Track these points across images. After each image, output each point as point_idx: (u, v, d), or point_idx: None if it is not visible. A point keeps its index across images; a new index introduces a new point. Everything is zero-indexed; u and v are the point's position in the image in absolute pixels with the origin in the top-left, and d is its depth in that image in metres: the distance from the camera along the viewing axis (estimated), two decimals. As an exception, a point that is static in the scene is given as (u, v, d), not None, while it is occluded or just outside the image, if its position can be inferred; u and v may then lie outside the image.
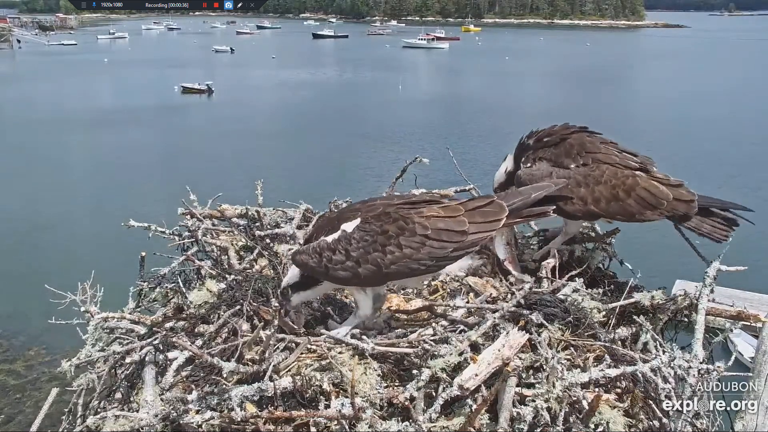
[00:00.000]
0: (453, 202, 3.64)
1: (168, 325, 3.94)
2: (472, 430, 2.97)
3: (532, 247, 4.97)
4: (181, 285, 4.47)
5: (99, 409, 3.81)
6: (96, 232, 21.92)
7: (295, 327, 3.73)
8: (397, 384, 3.30)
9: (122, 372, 3.84)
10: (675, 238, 4.34)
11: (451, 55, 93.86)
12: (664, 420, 3.24)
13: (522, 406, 3.05)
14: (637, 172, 4.25)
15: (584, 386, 3.17)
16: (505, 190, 4.74)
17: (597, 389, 3.21)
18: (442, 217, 3.51)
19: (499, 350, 3.27)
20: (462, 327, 3.70)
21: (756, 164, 31.65)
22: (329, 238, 3.56)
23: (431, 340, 3.45)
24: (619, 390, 3.30)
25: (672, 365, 3.27)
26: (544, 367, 3.16)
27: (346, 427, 2.99)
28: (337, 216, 3.72)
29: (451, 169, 6.43)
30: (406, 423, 2.96)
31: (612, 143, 4.41)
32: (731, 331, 3.71)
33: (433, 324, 3.72)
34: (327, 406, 3.11)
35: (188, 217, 5.16)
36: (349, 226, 3.53)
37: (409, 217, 3.49)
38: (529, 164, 4.47)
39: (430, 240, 3.46)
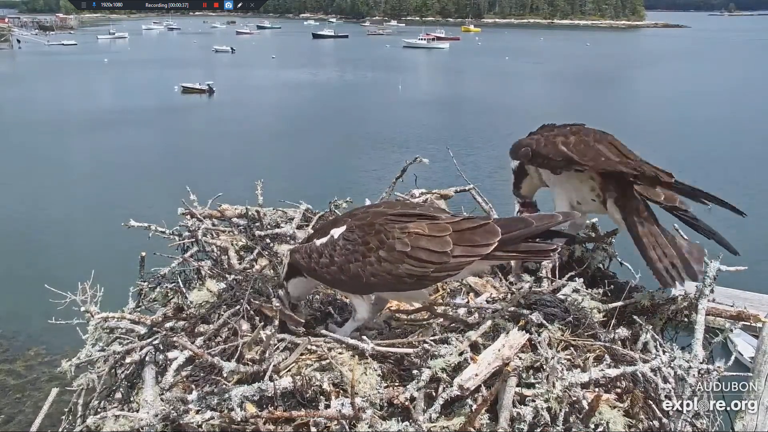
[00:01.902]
0: (445, 219, 3.47)
1: (168, 325, 3.94)
2: (472, 430, 2.97)
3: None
4: (181, 285, 4.47)
5: (99, 409, 3.81)
6: (96, 232, 21.92)
7: (300, 320, 3.71)
8: (397, 384, 3.29)
9: (122, 372, 3.84)
10: (675, 238, 4.33)
11: (451, 55, 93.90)
12: (664, 420, 3.23)
13: (522, 406, 3.04)
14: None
15: (584, 386, 3.16)
16: (518, 189, 4.75)
17: (597, 389, 3.21)
18: (426, 235, 3.36)
19: (499, 350, 3.27)
20: (462, 327, 3.70)
21: (757, 165, 31.66)
22: (319, 242, 3.59)
23: (431, 340, 3.45)
24: (619, 390, 3.30)
25: (672, 365, 3.26)
26: (544, 367, 3.16)
27: (346, 427, 2.99)
28: (333, 219, 3.75)
29: (451, 170, 6.43)
30: (406, 423, 2.96)
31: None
32: (731, 331, 3.71)
33: (433, 324, 3.72)
34: (327, 406, 3.10)
35: (188, 217, 5.16)
36: (336, 232, 3.53)
37: (391, 231, 3.39)
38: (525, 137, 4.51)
39: (409, 258, 3.34)
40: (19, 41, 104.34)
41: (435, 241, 3.35)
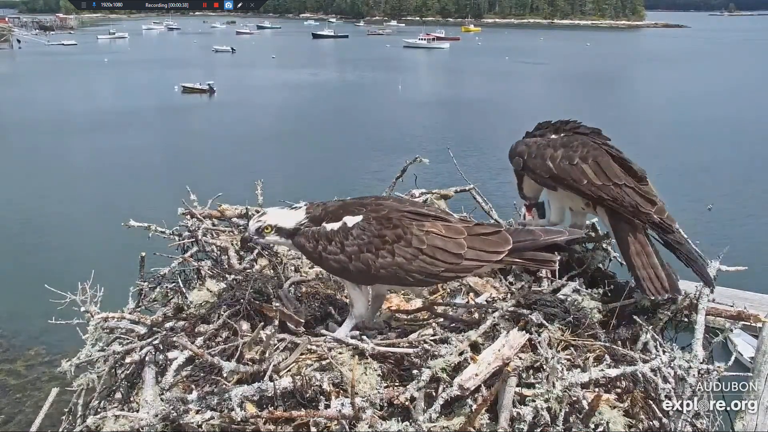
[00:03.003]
0: (460, 223, 3.56)
1: (168, 325, 3.94)
2: (472, 430, 2.97)
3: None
4: (181, 285, 4.48)
5: (99, 409, 3.81)
6: (96, 232, 21.92)
7: (300, 320, 3.70)
8: (397, 384, 3.29)
9: (122, 372, 3.84)
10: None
11: (451, 55, 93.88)
12: (664, 420, 3.23)
13: (522, 406, 3.04)
14: (611, 157, 4.11)
15: (584, 386, 3.16)
16: (521, 190, 4.74)
17: (597, 389, 3.21)
18: (442, 235, 3.44)
19: (499, 350, 3.28)
20: (462, 327, 3.70)
21: (757, 164, 31.65)
22: (329, 227, 3.56)
23: (431, 340, 3.45)
24: (619, 390, 3.30)
25: (672, 365, 3.26)
26: (544, 367, 3.16)
27: (346, 427, 2.99)
28: (343, 205, 3.69)
29: (451, 169, 6.43)
30: (406, 423, 2.96)
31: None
32: (731, 331, 3.71)
33: (433, 324, 3.72)
34: (327, 406, 3.11)
35: (188, 217, 5.16)
36: (350, 221, 3.53)
37: (408, 227, 3.45)
38: (521, 139, 4.50)
39: (423, 255, 3.41)
40: (19, 41, 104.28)
41: (450, 243, 3.43)
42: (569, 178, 4.09)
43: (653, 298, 3.83)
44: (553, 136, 4.33)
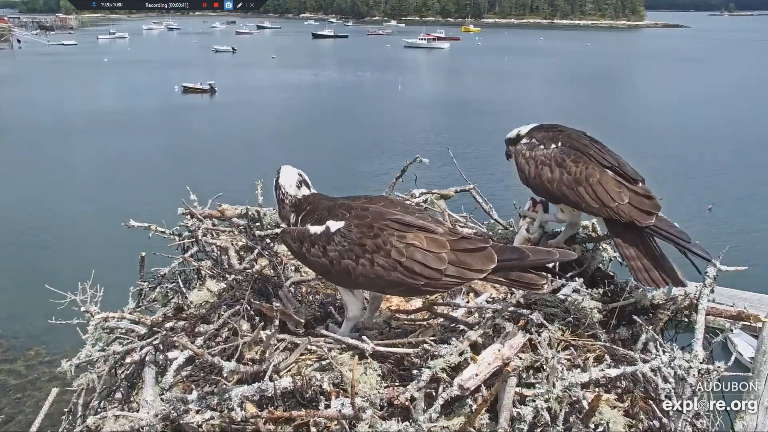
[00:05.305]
0: (445, 236, 3.43)
1: (168, 325, 3.94)
2: (472, 430, 2.97)
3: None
4: (181, 285, 4.48)
5: (99, 409, 3.82)
6: (96, 232, 21.93)
7: (300, 320, 3.70)
8: (397, 384, 3.30)
9: (122, 372, 3.85)
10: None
11: (452, 55, 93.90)
12: (664, 420, 3.23)
13: (522, 406, 3.04)
14: (606, 170, 4.14)
15: (584, 386, 3.16)
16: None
17: (597, 389, 3.21)
18: (422, 249, 3.35)
19: (499, 350, 3.28)
20: (462, 327, 3.70)
21: (758, 164, 31.65)
22: (312, 230, 3.55)
23: (431, 340, 3.45)
24: (619, 390, 3.30)
25: (672, 365, 3.26)
26: (544, 367, 3.17)
27: (346, 427, 2.99)
28: (329, 207, 3.64)
29: (451, 169, 6.43)
30: (406, 423, 2.95)
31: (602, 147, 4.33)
32: (731, 331, 3.70)
33: (433, 324, 3.71)
34: (327, 406, 3.11)
35: (188, 217, 5.16)
36: (333, 225, 3.50)
37: (389, 238, 3.37)
38: (522, 144, 4.50)
39: (402, 267, 3.34)
40: (19, 41, 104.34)
41: (430, 257, 3.35)
42: (568, 200, 4.22)
43: (649, 288, 3.86)
44: (554, 146, 4.31)
